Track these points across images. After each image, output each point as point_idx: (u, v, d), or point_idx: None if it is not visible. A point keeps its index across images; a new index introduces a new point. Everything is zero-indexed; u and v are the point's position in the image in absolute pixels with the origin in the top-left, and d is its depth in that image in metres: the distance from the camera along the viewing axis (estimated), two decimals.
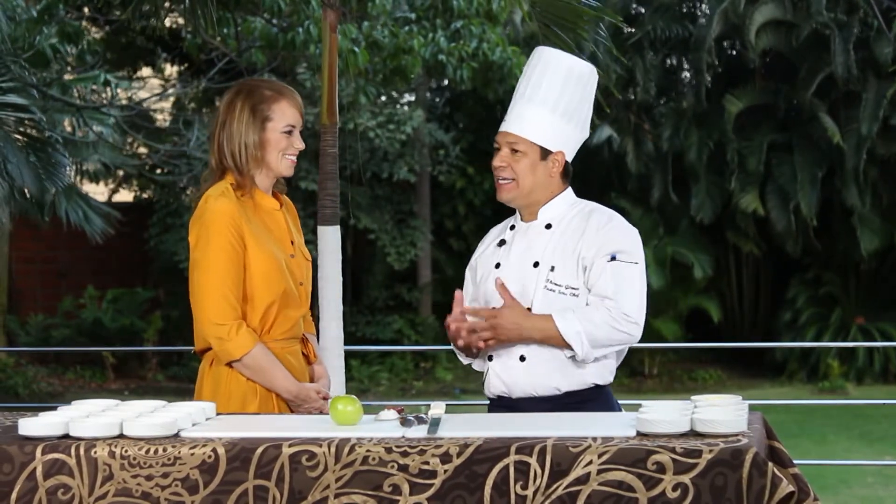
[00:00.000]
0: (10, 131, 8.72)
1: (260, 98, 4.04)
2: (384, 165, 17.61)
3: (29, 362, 17.03)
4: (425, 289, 18.31)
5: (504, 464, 3.12)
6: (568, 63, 4.01)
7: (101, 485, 3.24)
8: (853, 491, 10.40)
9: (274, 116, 4.04)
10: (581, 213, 4.00)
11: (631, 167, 17.85)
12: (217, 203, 3.98)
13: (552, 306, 3.88)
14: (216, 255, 3.96)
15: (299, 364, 4.13)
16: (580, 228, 3.95)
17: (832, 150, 17.06)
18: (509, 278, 3.95)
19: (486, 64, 11.53)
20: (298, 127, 4.09)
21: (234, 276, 3.96)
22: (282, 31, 10.43)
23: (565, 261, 3.92)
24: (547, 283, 3.91)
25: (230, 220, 3.96)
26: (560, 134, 3.97)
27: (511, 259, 4.00)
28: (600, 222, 3.95)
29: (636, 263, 3.90)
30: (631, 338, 3.86)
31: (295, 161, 4.11)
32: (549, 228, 4.00)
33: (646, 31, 17.77)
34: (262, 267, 4.00)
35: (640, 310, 3.89)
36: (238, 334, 3.94)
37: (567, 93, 3.96)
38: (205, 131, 15.44)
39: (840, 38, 16.76)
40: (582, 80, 4.00)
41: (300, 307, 4.11)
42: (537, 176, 3.97)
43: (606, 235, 3.91)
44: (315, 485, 3.17)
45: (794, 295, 18.03)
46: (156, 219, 18.06)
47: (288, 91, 4.10)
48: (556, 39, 5.51)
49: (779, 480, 3.04)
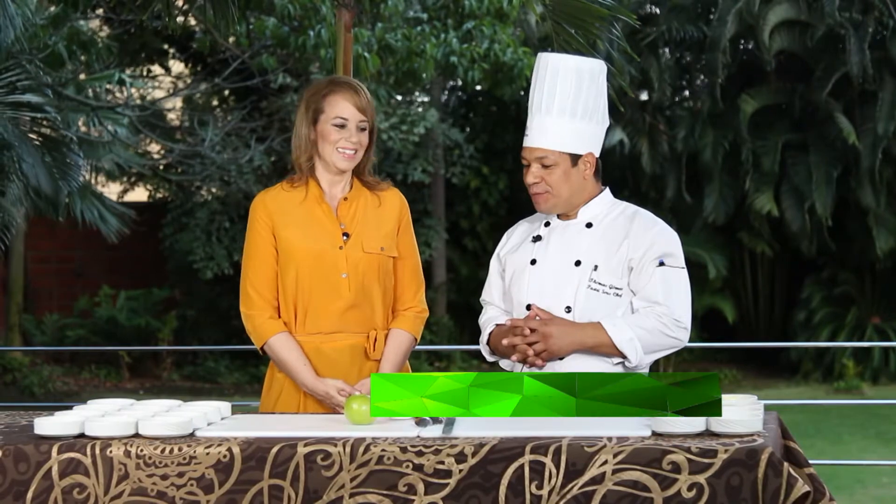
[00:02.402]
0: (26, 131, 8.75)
1: (315, 91, 4.13)
2: (398, 167, 17.61)
3: (44, 362, 17.07)
4: (440, 289, 18.31)
5: (519, 463, 3.12)
6: (575, 64, 3.98)
7: (117, 484, 3.25)
8: (868, 491, 10.37)
9: (325, 108, 4.09)
10: (623, 214, 3.99)
11: (646, 167, 17.83)
12: (256, 197, 4.17)
13: (595, 305, 3.88)
14: (247, 247, 4.15)
15: (347, 359, 4.10)
16: (624, 229, 3.93)
17: (847, 149, 17.02)
18: (547, 275, 3.94)
19: (498, 65, 11.53)
20: (354, 121, 4.09)
21: (260, 266, 4.09)
22: (293, 31, 10.45)
23: (609, 260, 3.90)
24: (590, 283, 3.89)
25: (261, 213, 4.11)
26: (584, 135, 3.96)
27: (549, 256, 3.98)
28: (646, 225, 3.94)
29: (682, 268, 3.93)
30: (680, 343, 3.87)
31: (352, 155, 4.11)
32: (589, 227, 3.98)
33: (660, 31, 17.75)
34: (294, 256, 4.06)
35: (689, 314, 3.90)
36: (260, 323, 4.07)
37: (582, 94, 3.95)
38: (218, 131, 15.48)
39: (855, 37, 16.71)
40: (593, 77, 3.98)
41: (340, 299, 4.08)
42: (572, 182, 3.97)
43: (654, 238, 3.91)
44: (330, 484, 3.17)
45: (808, 295, 17.99)
46: (170, 218, 18.09)
47: (346, 85, 4.12)
48: (569, 39, 5.49)
49: (794, 480, 3.03)
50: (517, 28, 12.98)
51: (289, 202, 4.12)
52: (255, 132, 16.26)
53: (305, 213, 4.11)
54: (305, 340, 4.08)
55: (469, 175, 18.60)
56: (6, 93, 8.39)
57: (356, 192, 4.18)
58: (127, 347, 17.40)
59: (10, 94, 8.43)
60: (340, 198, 4.15)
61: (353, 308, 4.09)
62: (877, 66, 16.90)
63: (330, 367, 4.07)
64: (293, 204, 4.12)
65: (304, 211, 4.11)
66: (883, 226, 17.19)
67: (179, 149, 15.60)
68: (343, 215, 4.13)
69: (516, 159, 20.15)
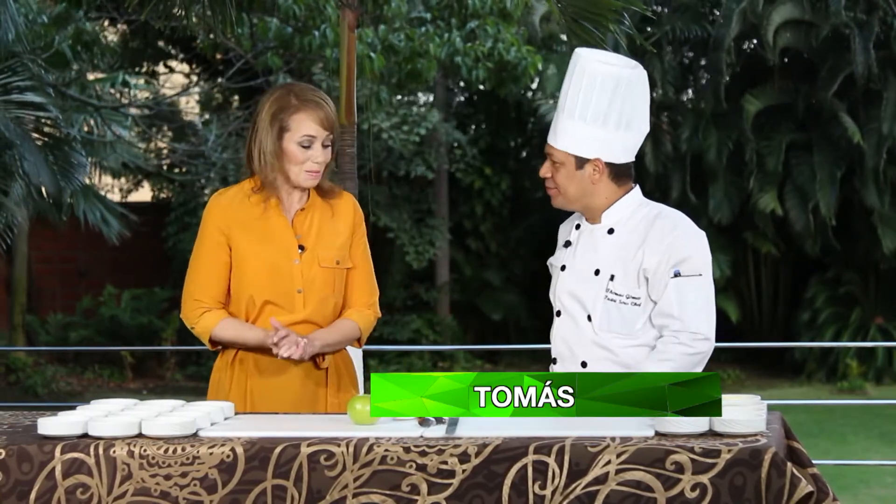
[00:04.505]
0: (29, 130, 8.75)
1: (283, 106, 3.96)
2: (401, 164, 17.62)
3: (48, 362, 17.09)
4: (443, 289, 18.31)
5: (522, 463, 3.12)
6: (614, 72, 3.88)
7: (120, 484, 3.24)
8: (872, 491, 10.37)
9: (291, 127, 3.95)
10: (646, 217, 3.92)
11: (649, 167, 17.83)
12: (212, 199, 4.07)
13: (613, 316, 3.86)
14: (196, 253, 4.06)
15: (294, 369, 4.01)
16: (642, 235, 3.87)
17: (852, 149, 17.01)
18: (572, 283, 3.95)
19: (501, 64, 11.53)
20: (320, 139, 3.96)
21: (207, 270, 4.01)
22: (297, 32, 10.45)
23: (626, 269, 3.86)
24: (607, 293, 3.87)
25: (216, 217, 4.01)
26: (595, 140, 3.89)
27: (575, 262, 3.97)
28: (664, 230, 3.87)
29: (700, 275, 3.84)
30: (705, 355, 3.83)
31: (317, 173, 3.99)
32: (611, 234, 3.94)
33: (664, 30, 17.75)
34: (249, 267, 3.98)
35: (709, 321, 3.84)
36: (201, 318, 4.01)
37: (617, 103, 3.87)
38: (221, 131, 15.48)
39: (860, 37, 16.70)
40: (632, 85, 3.90)
41: (293, 313, 3.99)
42: (577, 184, 3.93)
43: (671, 245, 3.84)
44: (333, 484, 3.17)
45: (812, 295, 17.99)
46: (173, 217, 18.11)
47: (313, 102, 3.96)
48: (582, 33, 5.48)
49: (798, 480, 3.03)
50: (521, 27, 12.97)
51: (246, 210, 4.01)
52: None
53: (262, 224, 4.00)
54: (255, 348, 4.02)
55: (472, 175, 18.61)
56: (8, 92, 8.39)
57: (311, 201, 4.07)
58: (130, 347, 17.43)
59: (12, 94, 8.44)
60: (297, 209, 4.05)
61: (305, 322, 4.01)
62: (881, 65, 16.90)
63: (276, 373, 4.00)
64: (251, 213, 4.01)
65: (262, 222, 4.01)
66: (887, 226, 17.19)
67: (183, 148, 15.61)
68: (299, 227, 4.03)
69: (519, 160, 20.19)
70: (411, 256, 17.73)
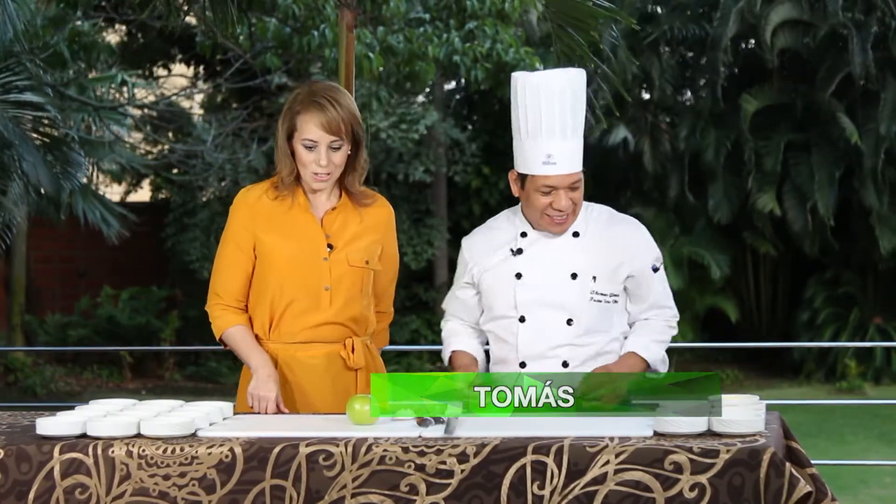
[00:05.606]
0: (27, 130, 8.75)
1: (294, 105, 3.93)
2: (399, 166, 17.62)
3: (47, 362, 17.08)
4: (442, 289, 18.30)
5: (521, 464, 3.12)
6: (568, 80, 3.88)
7: (119, 484, 3.24)
8: (871, 491, 10.38)
9: (298, 128, 3.91)
10: (598, 219, 3.97)
11: (647, 167, 17.82)
12: (240, 195, 4.06)
13: (596, 315, 3.90)
14: (222, 244, 4.07)
15: (323, 366, 3.99)
16: (608, 236, 3.94)
17: (850, 149, 17.01)
18: (540, 289, 3.91)
19: (500, 64, 11.53)
20: (324, 143, 3.89)
21: (229, 271, 4.01)
22: (295, 32, 10.44)
23: (605, 269, 3.91)
24: (593, 294, 3.90)
25: (243, 215, 4.00)
26: (580, 152, 3.91)
27: (535, 269, 3.93)
28: (630, 231, 3.99)
29: (663, 264, 4.05)
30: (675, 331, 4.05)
31: (322, 177, 3.93)
32: (577, 237, 3.94)
33: (662, 30, 17.75)
34: (276, 262, 3.96)
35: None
36: (218, 315, 4.04)
37: (579, 110, 3.89)
38: (220, 132, 15.49)
39: (858, 37, 16.70)
40: (583, 89, 3.93)
41: (320, 312, 3.97)
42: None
43: (647, 245, 3.98)
44: (332, 484, 3.17)
45: (811, 295, 17.98)
46: (172, 218, 18.10)
47: (318, 105, 3.88)
48: (569, 40, 5.49)
49: (796, 480, 3.03)
50: (519, 28, 12.97)
51: (274, 206, 3.99)
52: (256, 132, 16.27)
53: (290, 221, 3.98)
54: (279, 348, 3.98)
55: (470, 175, 18.60)
56: (6, 91, 8.40)
57: (343, 202, 4.04)
58: (129, 348, 17.41)
59: (10, 93, 8.44)
60: (327, 208, 4.01)
61: (330, 324, 3.99)
62: (879, 66, 16.90)
63: (306, 374, 3.98)
64: (278, 208, 3.98)
65: (289, 218, 3.98)
66: (885, 226, 17.19)
67: (181, 149, 15.60)
68: (328, 226, 4.00)
69: None
70: (410, 257, 17.73)
